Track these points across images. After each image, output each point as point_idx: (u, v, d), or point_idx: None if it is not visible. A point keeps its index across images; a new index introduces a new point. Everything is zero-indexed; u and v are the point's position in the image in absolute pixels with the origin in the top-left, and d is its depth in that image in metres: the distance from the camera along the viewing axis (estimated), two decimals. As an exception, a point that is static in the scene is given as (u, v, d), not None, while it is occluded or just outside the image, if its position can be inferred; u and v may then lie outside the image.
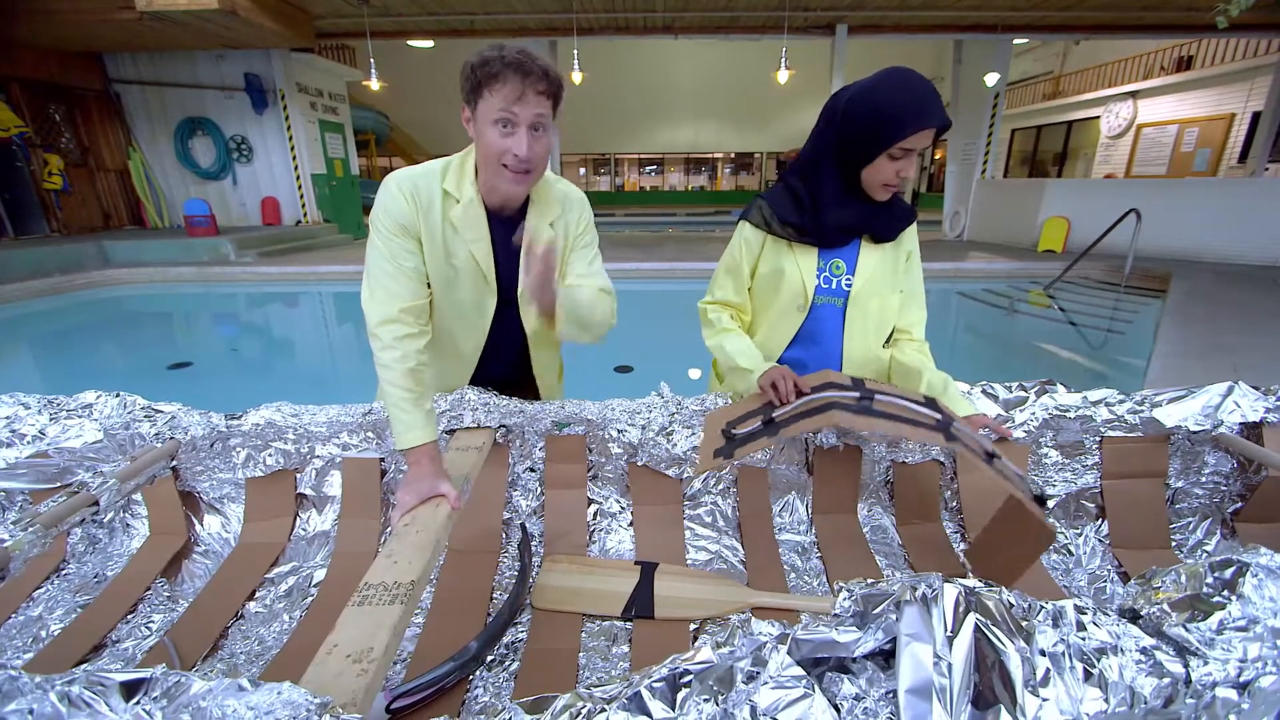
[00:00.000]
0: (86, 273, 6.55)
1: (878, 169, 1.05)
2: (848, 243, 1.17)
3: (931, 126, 0.99)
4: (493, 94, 0.97)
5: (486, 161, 1.05)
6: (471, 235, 1.13)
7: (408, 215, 1.08)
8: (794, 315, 1.22)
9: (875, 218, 1.14)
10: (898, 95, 1.00)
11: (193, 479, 1.28)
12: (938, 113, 0.99)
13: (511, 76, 0.96)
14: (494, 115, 0.98)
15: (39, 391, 1.31)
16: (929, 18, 7.98)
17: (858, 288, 1.17)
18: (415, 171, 1.11)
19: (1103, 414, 1.09)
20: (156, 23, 6.24)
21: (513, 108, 0.98)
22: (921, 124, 0.98)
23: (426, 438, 1.02)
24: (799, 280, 1.18)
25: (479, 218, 1.13)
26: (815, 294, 1.19)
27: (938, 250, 8.40)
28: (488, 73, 0.96)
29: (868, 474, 1.22)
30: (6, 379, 4.29)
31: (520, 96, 0.97)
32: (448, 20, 7.88)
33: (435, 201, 1.10)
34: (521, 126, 1.00)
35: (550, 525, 1.26)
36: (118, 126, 8.85)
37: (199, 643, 1.04)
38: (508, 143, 1.01)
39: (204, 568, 1.24)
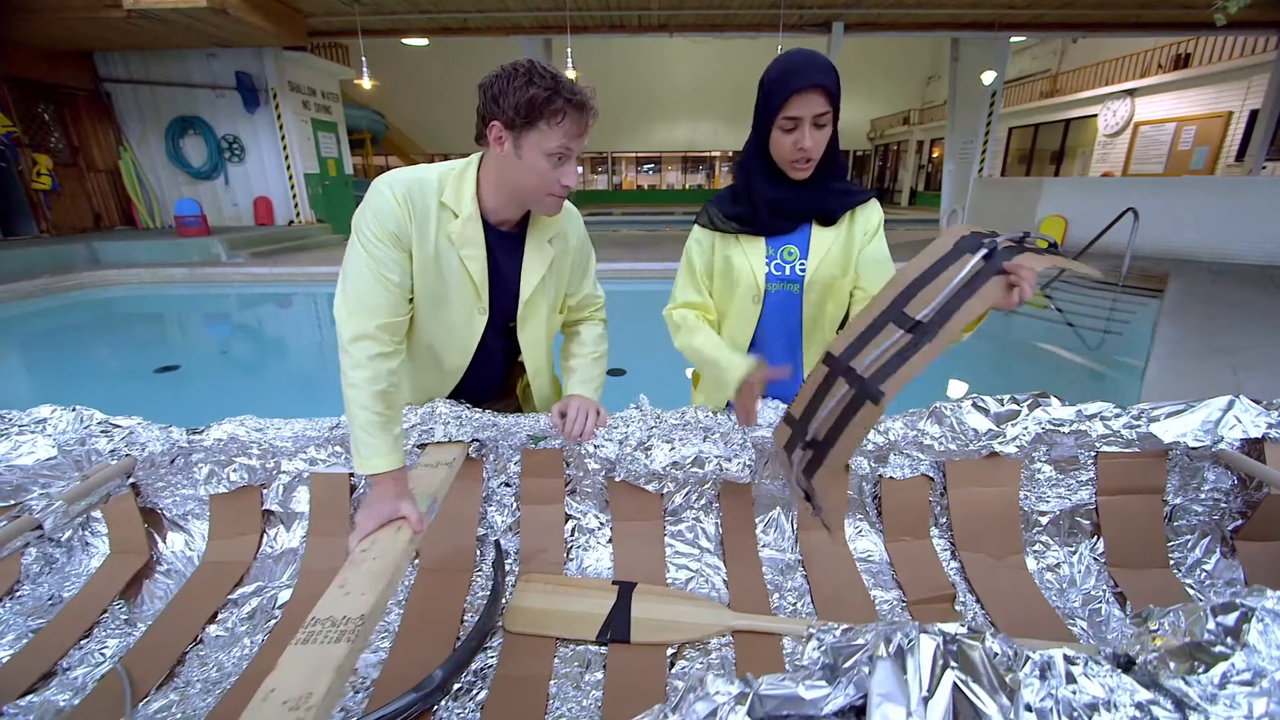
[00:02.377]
0: (76, 274, 6.48)
1: (777, 145, 1.05)
2: (795, 228, 1.16)
3: (802, 87, 0.97)
4: (552, 128, 0.95)
5: (527, 187, 1.02)
6: (468, 251, 1.07)
7: (401, 224, 1.00)
8: (750, 307, 1.20)
9: (812, 198, 1.12)
10: (776, 66, 1.02)
11: (154, 495, 1.23)
12: (810, 74, 0.98)
13: (575, 115, 0.95)
14: (551, 148, 0.96)
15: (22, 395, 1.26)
16: (925, 15, 7.94)
17: (811, 271, 1.15)
18: (409, 177, 1.03)
19: (1098, 429, 1.04)
20: (144, 21, 6.16)
21: (572, 144, 0.97)
22: (791, 86, 0.98)
23: (391, 465, 0.96)
24: (749, 270, 1.17)
25: (477, 233, 1.07)
26: (767, 282, 1.18)
27: (934, 249, 8.36)
28: (551, 108, 0.93)
29: (854, 489, 1.17)
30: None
31: (581, 134, 0.98)
32: (440, 18, 7.81)
33: (431, 212, 1.03)
34: (573, 159, 1.00)
35: (526, 542, 1.21)
36: (108, 126, 8.78)
37: (154, 670, 0.99)
38: (559, 174, 0.99)
39: (165, 588, 1.19)
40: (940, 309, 0.72)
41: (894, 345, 0.74)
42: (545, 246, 1.15)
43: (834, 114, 1.03)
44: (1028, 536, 1.11)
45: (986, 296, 0.71)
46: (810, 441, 0.83)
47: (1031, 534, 1.11)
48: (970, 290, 0.72)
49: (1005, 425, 1.07)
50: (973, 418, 1.07)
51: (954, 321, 0.71)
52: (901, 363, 0.72)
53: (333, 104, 9.93)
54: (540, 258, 1.15)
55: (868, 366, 0.75)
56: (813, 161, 1.06)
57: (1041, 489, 1.10)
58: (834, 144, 1.08)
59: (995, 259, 0.74)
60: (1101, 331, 4.94)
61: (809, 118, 1.00)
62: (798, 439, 0.86)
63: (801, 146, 1.02)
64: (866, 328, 0.79)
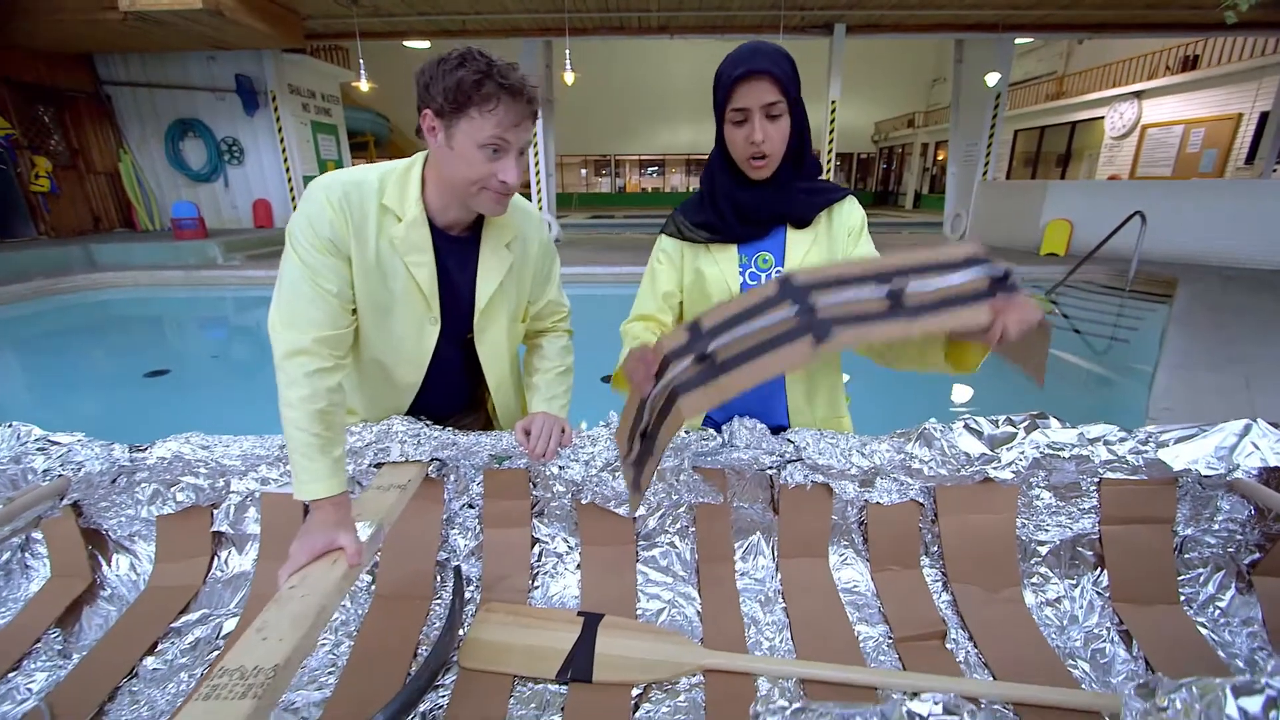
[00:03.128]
0: (72, 276, 6.46)
1: (731, 141, 0.98)
2: (767, 233, 1.07)
3: (743, 75, 0.90)
4: (484, 116, 0.85)
5: (461, 182, 0.92)
6: (414, 258, 0.99)
7: (337, 230, 0.93)
8: None
9: (779, 199, 1.04)
10: (723, 62, 0.95)
11: (98, 515, 1.16)
12: (753, 60, 0.91)
13: (509, 101, 0.86)
14: (483, 139, 0.87)
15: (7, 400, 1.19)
16: (929, 17, 7.86)
17: None
18: (346, 179, 0.95)
19: (1101, 454, 0.96)
20: (142, 23, 6.14)
21: (507, 134, 0.88)
22: (732, 75, 0.91)
23: (331, 490, 0.88)
24: (721, 281, 1.09)
25: (423, 238, 0.99)
26: (743, 292, 1.09)
27: (938, 253, 8.26)
28: (481, 93, 0.84)
29: (839, 514, 1.09)
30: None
31: (517, 123, 0.88)
32: (439, 21, 7.78)
33: (370, 216, 0.96)
34: (513, 152, 0.90)
35: (488, 568, 1.14)
36: (108, 128, 8.79)
37: (80, 707, 0.92)
38: (494, 167, 0.90)
39: (106, 615, 1.12)
40: (929, 300, 0.64)
41: (867, 302, 0.65)
42: (502, 251, 1.08)
43: (790, 104, 0.94)
44: (1025, 568, 1.03)
45: (975, 314, 0.64)
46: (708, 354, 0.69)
47: (1029, 565, 1.03)
48: (963, 300, 0.64)
49: (1000, 449, 0.98)
50: (965, 440, 0.99)
51: (936, 317, 0.63)
52: (864, 321, 0.64)
53: (333, 106, 9.93)
54: (497, 264, 1.07)
55: (829, 305, 0.66)
56: (770, 158, 0.97)
57: (1040, 517, 1.02)
58: (801, 140, 1.00)
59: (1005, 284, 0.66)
60: (1108, 339, 4.83)
61: (758, 108, 0.92)
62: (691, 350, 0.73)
63: (752, 140, 0.94)
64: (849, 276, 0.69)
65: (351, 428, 1.12)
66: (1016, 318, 0.64)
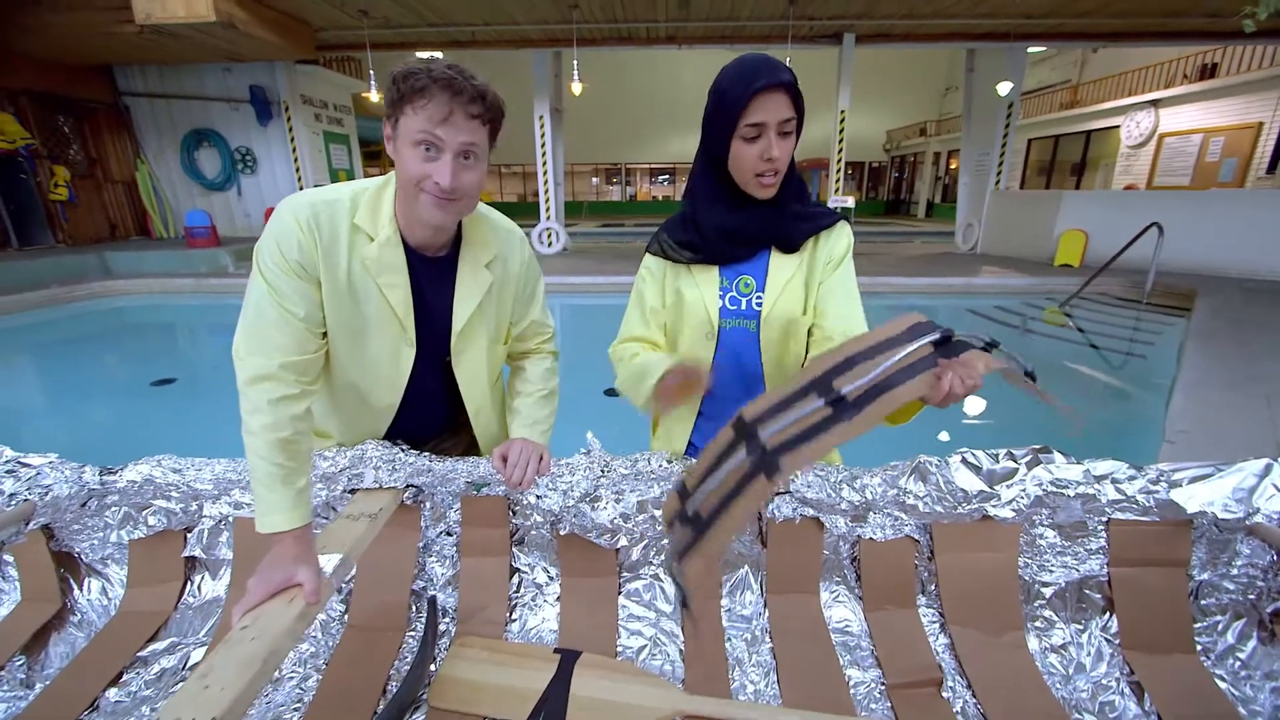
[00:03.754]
0: (87, 283, 6.55)
1: (738, 159, 0.92)
2: (752, 255, 1.02)
3: (764, 87, 0.86)
4: (416, 111, 0.82)
5: (404, 186, 0.89)
6: (387, 279, 0.96)
7: (306, 251, 0.89)
8: (704, 345, 1.07)
9: (771, 221, 0.99)
10: (730, 71, 0.90)
11: (70, 538, 1.13)
12: (774, 73, 0.86)
13: (439, 94, 0.81)
14: (415, 136, 0.83)
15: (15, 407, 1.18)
16: (939, 26, 7.80)
17: (769, 306, 1.01)
18: (316, 198, 0.92)
19: (1109, 493, 0.90)
20: (158, 36, 6.25)
21: (436, 130, 0.83)
22: (751, 86, 0.86)
23: (292, 523, 0.84)
24: (701, 304, 1.04)
25: (397, 259, 0.96)
26: (722, 317, 1.05)
27: (949, 264, 8.16)
28: (412, 86, 0.81)
29: (831, 549, 1.04)
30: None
31: (446, 118, 0.83)
32: (449, 32, 7.85)
33: (341, 237, 0.92)
34: (447, 152, 0.85)
35: (465, 599, 1.09)
36: (126, 138, 8.96)
37: None
38: (428, 168, 0.85)
39: (74, 642, 1.09)
40: (869, 388, 0.62)
41: (809, 417, 0.64)
42: (481, 272, 1.04)
43: (800, 123, 0.90)
44: (1028, 610, 0.97)
45: (917, 386, 0.62)
46: (692, 516, 0.71)
47: (1033, 608, 0.97)
48: (907, 374, 0.62)
49: (1000, 486, 0.93)
50: (962, 476, 0.93)
51: (878, 404, 0.61)
52: (810, 438, 0.62)
53: (345, 116, 10.04)
54: (475, 285, 1.04)
55: (774, 435, 0.65)
56: (779, 175, 0.93)
57: (1044, 556, 0.96)
58: (791, 162, 0.96)
59: (945, 350, 0.64)
60: (1124, 353, 4.71)
61: (774, 123, 0.88)
62: (682, 513, 0.75)
63: (769, 156, 0.89)
64: (789, 393, 0.68)
65: (325, 452, 1.09)
66: (963, 376, 0.61)
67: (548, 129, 8.82)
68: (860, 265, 1.01)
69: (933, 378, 0.62)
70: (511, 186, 24.08)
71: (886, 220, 20.90)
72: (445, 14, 7.25)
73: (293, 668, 1.01)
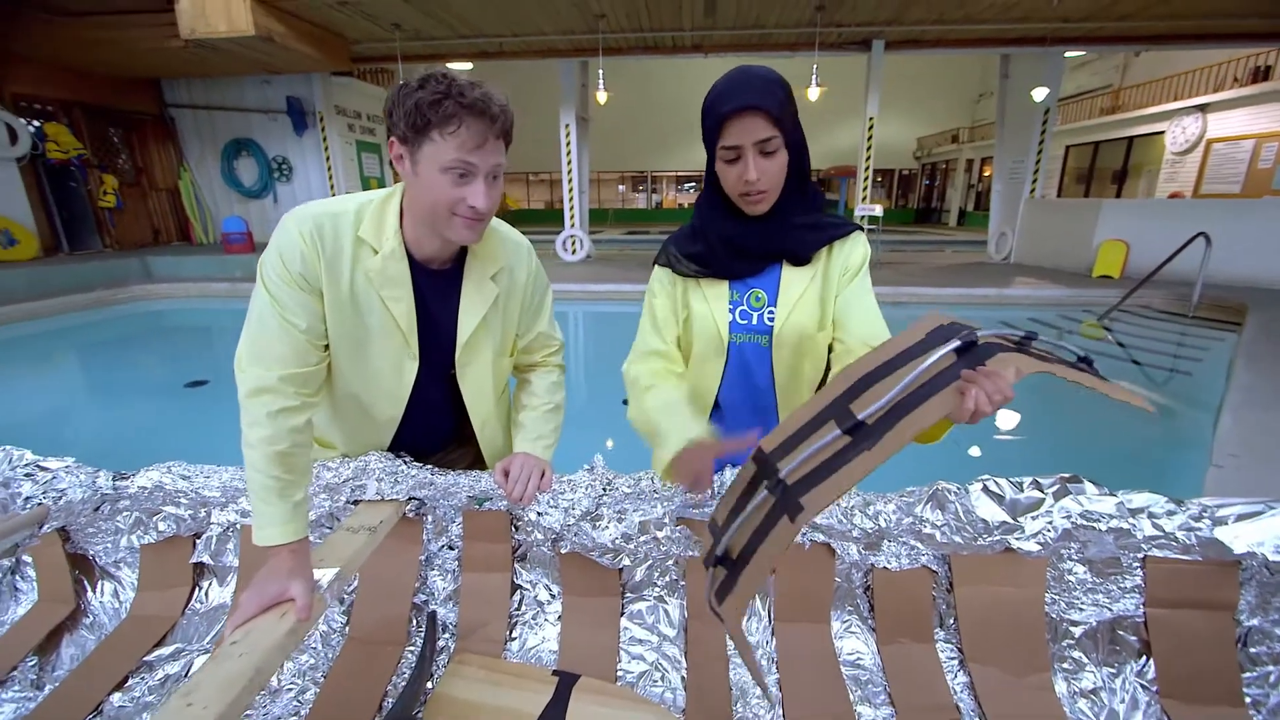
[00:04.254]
0: (129, 287, 6.83)
1: (723, 179, 0.91)
2: (762, 269, 0.98)
3: (732, 111, 0.82)
4: (445, 139, 0.81)
5: (430, 209, 0.88)
6: (391, 292, 0.95)
7: (308, 263, 0.89)
8: (713, 361, 1.04)
9: (775, 233, 0.94)
10: (710, 92, 0.87)
11: (85, 541, 1.15)
12: (743, 95, 0.82)
13: (472, 122, 0.81)
14: (446, 163, 0.82)
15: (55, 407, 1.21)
16: (971, 31, 7.63)
17: (781, 321, 0.97)
18: (320, 210, 0.92)
19: (1145, 528, 0.83)
20: (201, 50, 6.52)
21: (470, 157, 0.82)
22: (721, 111, 0.83)
23: (288, 536, 0.84)
24: (710, 320, 1.01)
25: (401, 272, 0.95)
26: (732, 332, 1.01)
27: (980, 274, 7.93)
28: (442, 114, 0.79)
29: (842, 577, 0.99)
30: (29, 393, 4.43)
31: (481, 145, 0.83)
32: (478, 43, 8.00)
33: (345, 249, 0.92)
34: (480, 176, 0.85)
35: (465, 615, 1.08)
36: (170, 148, 9.36)
37: None
38: (462, 192, 0.85)
39: (85, 644, 1.10)
40: (888, 410, 0.57)
41: (827, 448, 0.59)
42: (487, 285, 1.03)
43: (787, 136, 0.86)
44: (1055, 650, 0.90)
45: (938, 405, 0.56)
46: (722, 557, 0.68)
47: (1060, 647, 0.90)
48: (929, 390, 0.56)
49: (1024, 517, 0.87)
50: (983, 505, 0.88)
51: (897, 431, 0.55)
52: (830, 472, 0.57)
53: (377, 126, 10.31)
54: (480, 297, 1.02)
55: (793, 470, 0.60)
56: (767, 193, 0.89)
57: (1073, 593, 0.89)
58: (801, 170, 0.91)
59: (970, 356, 0.58)
60: (1168, 370, 4.49)
61: (750, 145, 0.84)
62: (712, 552, 0.71)
63: (746, 179, 0.86)
64: (805, 423, 0.64)
65: (329, 463, 1.09)
66: (989, 390, 0.55)
67: (573, 137, 8.90)
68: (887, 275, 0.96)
69: (955, 394, 0.56)
70: (539, 194, 24.37)
71: (917, 229, 20.49)
72: (475, 26, 7.39)
73: (291, 679, 1.01)
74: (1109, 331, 5.50)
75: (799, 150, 0.89)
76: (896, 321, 0.96)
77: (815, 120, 19.95)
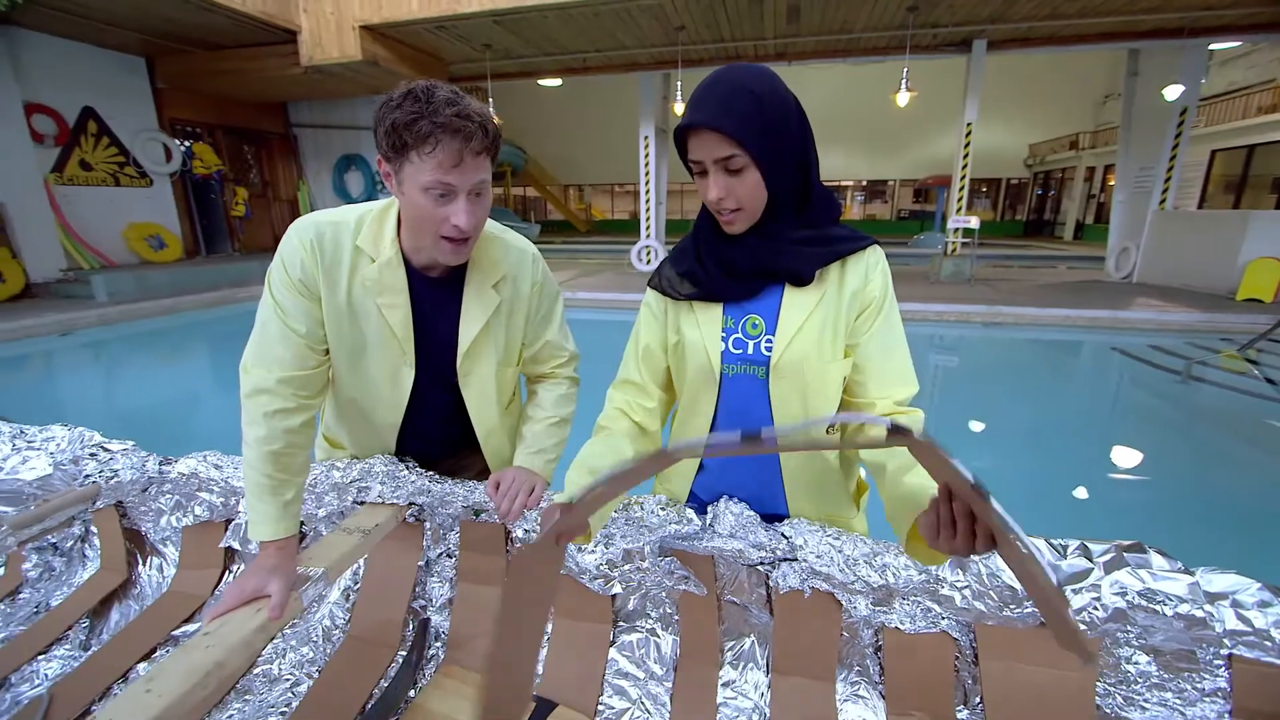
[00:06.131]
0: (249, 287, 7.65)
1: (700, 191, 0.81)
2: (760, 291, 0.86)
3: (688, 125, 0.75)
4: (424, 159, 0.80)
5: (418, 227, 0.89)
6: (387, 299, 0.96)
7: (307, 270, 0.92)
8: (705, 393, 0.92)
9: (769, 251, 0.83)
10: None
11: (137, 517, 1.26)
12: (696, 109, 0.74)
13: (447, 141, 0.79)
14: (425, 183, 0.82)
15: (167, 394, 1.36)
16: (1091, 26, 6.89)
17: (779, 350, 0.85)
18: (322, 219, 0.94)
19: (1227, 619, 0.66)
20: (318, 75, 7.25)
21: (447, 178, 0.81)
22: (681, 124, 0.76)
23: (275, 534, 0.87)
24: (700, 347, 0.89)
25: (398, 280, 0.96)
26: (724, 361, 0.88)
27: (1095, 294, 7.11)
28: (418, 134, 0.78)
29: (850, 633, 0.87)
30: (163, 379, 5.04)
31: (458, 164, 0.81)
32: (563, 59, 8.29)
33: (344, 257, 0.93)
34: (460, 195, 0.84)
35: (457, 625, 1.06)
36: (292, 163, 10.49)
37: (74, 702, 0.98)
38: (444, 211, 0.84)
39: (128, 612, 1.20)
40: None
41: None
42: (488, 293, 1.01)
43: (756, 153, 0.74)
44: (1110, 753, 0.74)
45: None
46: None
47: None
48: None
49: (1065, 590, 0.72)
50: (1015, 570, 0.74)
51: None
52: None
53: (469, 141, 10.98)
54: (480, 306, 1.01)
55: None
56: (741, 212, 0.79)
57: (1133, 687, 0.73)
58: (802, 181, 0.81)
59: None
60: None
61: (711, 162, 0.76)
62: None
63: (708, 198, 0.79)
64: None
65: (338, 463, 1.12)
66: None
67: (651, 149, 8.98)
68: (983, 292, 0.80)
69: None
70: (623, 204, 24.78)
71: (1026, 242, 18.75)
72: (560, 44, 7.66)
73: (290, 669, 1.04)
74: (1254, 365, 4.72)
75: (786, 163, 0.77)
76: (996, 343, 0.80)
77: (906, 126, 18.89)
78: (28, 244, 6.77)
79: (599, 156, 21.16)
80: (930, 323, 6.20)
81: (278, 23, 6.50)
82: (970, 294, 6.94)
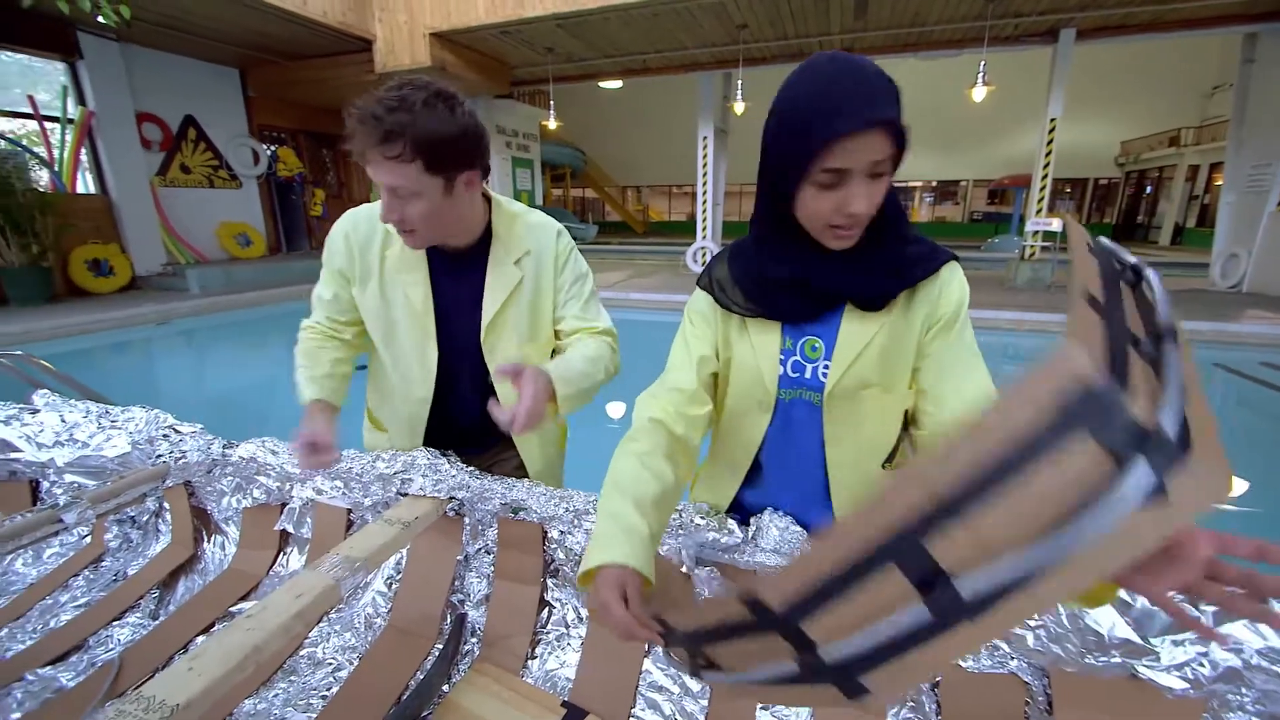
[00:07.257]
0: (324, 282, 8.14)
1: (808, 207, 0.67)
2: (821, 313, 0.77)
3: (852, 130, 0.59)
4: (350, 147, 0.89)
5: None
6: (408, 276, 1.04)
7: (343, 258, 1.05)
8: (757, 417, 0.84)
9: (847, 274, 0.72)
10: (803, 94, 0.63)
11: (204, 496, 1.34)
12: (867, 107, 0.59)
13: (358, 134, 0.84)
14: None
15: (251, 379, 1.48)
16: (1198, 9, 6.26)
17: (836, 377, 0.77)
18: (364, 209, 1.05)
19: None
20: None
21: (368, 168, 0.87)
22: (835, 128, 0.59)
23: (310, 395, 1.06)
24: (755, 369, 0.81)
25: (417, 257, 1.04)
26: (781, 386, 0.81)
27: (1198, 304, 6.47)
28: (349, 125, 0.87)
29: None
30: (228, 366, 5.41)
31: (363, 156, 0.86)
32: (623, 61, 8.33)
33: (375, 240, 1.03)
34: (383, 188, 0.89)
35: (492, 623, 1.06)
36: (365, 166, 11.09)
37: (140, 667, 1.04)
38: (382, 201, 0.91)
39: (193, 586, 1.27)
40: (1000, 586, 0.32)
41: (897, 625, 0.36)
42: (510, 269, 1.05)
43: (901, 151, 0.63)
44: (1215, 832, 0.64)
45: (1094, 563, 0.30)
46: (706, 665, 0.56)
47: (1223, 830, 0.64)
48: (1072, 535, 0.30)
49: (1161, 639, 0.63)
50: (1100, 611, 0.65)
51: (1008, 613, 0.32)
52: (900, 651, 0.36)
53: (531, 144, 11.18)
54: (502, 282, 1.05)
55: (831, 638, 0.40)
56: (860, 225, 0.68)
57: (1245, 757, 0.63)
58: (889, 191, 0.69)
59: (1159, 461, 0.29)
60: None
61: (861, 169, 0.62)
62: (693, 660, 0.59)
63: (850, 212, 0.64)
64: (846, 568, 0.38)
65: (383, 454, 1.14)
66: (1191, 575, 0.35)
67: (710, 149, 8.89)
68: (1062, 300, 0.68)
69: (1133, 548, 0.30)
70: (681, 206, 24.70)
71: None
72: (621, 45, 7.71)
73: (334, 654, 1.07)
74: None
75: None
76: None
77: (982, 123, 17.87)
78: (135, 240, 7.47)
79: (657, 158, 21.19)
80: (1003, 331, 5.82)
81: (355, 32, 6.87)
82: (1049, 301, 6.47)
